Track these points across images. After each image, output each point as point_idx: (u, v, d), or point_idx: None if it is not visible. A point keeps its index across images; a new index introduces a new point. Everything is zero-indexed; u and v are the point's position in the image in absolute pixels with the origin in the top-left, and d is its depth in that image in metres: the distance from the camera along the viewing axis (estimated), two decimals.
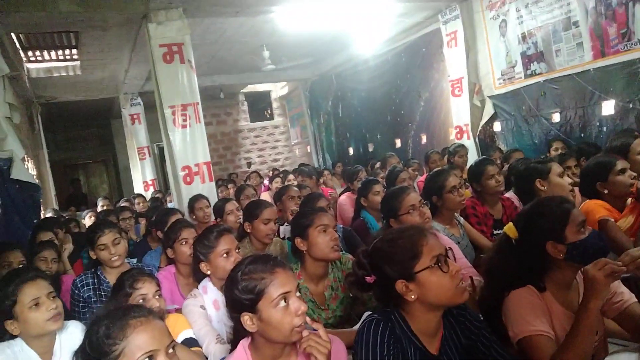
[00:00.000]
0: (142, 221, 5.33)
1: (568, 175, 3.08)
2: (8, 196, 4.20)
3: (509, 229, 1.81)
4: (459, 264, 1.60)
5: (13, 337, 1.90)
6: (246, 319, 1.44)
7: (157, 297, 2.05)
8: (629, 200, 2.61)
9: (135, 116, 8.99)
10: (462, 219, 3.08)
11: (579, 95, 5.13)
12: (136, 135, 9.08)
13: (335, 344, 1.57)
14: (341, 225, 3.48)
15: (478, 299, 1.97)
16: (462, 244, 2.86)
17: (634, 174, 2.59)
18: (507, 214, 3.25)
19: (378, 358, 1.46)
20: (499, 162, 4.65)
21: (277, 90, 12.52)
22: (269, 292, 1.42)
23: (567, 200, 1.79)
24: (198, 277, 2.31)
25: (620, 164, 2.60)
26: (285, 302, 1.42)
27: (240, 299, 1.44)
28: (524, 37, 5.66)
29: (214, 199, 4.61)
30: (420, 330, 1.54)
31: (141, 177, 9.25)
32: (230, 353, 1.58)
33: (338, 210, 4.69)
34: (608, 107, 4.83)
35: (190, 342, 2.04)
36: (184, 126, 4.90)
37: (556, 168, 2.90)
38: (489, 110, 6.37)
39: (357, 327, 2.06)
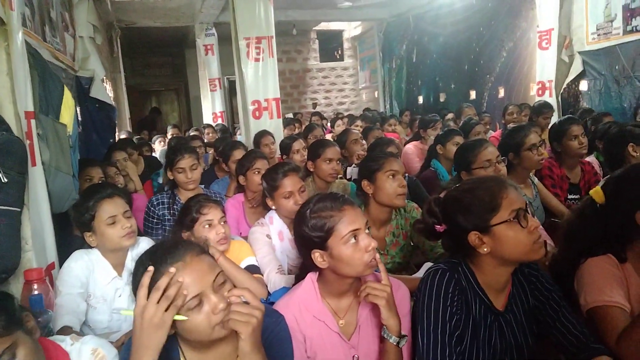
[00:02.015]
0: (210, 151, 5.47)
1: None
2: (88, 114, 4.41)
3: (596, 192, 1.69)
4: None
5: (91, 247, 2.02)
6: (317, 256, 1.46)
7: (222, 223, 2.10)
8: None
9: (209, 47, 9.04)
10: (536, 180, 2.94)
11: None
12: (208, 66, 9.17)
13: (401, 289, 1.58)
14: (407, 174, 3.42)
15: (549, 264, 1.89)
16: (534, 205, 2.76)
17: None
18: (585, 179, 3.09)
19: (441, 307, 1.44)
20: (589, 123, 4.35)
21: (350, 30, 12.20)
22: (338, 230, 1.42)
23: None
24: (266, 207, 2.36)
25: None
26: (355, 239, 1.42)
27: (310, 236, 1.45)
28: None
29: (280, 137, 4.64)
30: (487, 285, 1.50)
31: (211, 108, 9.43)
32: (295, 284, 1.61)
33: (403, 159, 4.60)
34: None
35: (253, 269, 2.10)
36: (257, 59, 4.88)
37: None
38: (577, 67, 5.90)
39: (417, 274, 2.06)
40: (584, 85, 5.90)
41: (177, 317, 1.15)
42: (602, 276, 1.58)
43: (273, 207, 2.31)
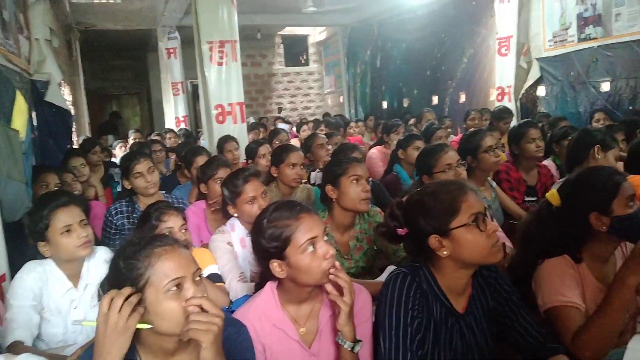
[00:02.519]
0: (172, 156, 5.38)
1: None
2: (44, 119, 4.26)
3: (552, 195, 1.74)
4: None
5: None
6: (275, 266, 1.43)
7: (183, 230, 2.06)
8: None
9: (171, 50, 8.92)
10: (494, 183, 3.02)
11: (634, 65, 4.84)
12: (171, 70, 9.05)
13: (362, 294, 1.57)
14: (371, 179, 3.44)
15: (508, 266, 1.93)
16: (492, 207, 2.83)
17: None
18: (542, 181, 3.19)
19: (402, 311, 1.45)
20: (546, 128, 4.49)
21: (315, 35, 12.24)
22: (295, 239, 1.40)
23: (618, 172, 1.70)
24: (227, 214, 2.32)
25: None
26: (312, 247, 1.40)
27: (267, 247, 1.43)
28: None
29: (244, 142, 4.60)
30: (448, 288, 1.51)
31: (173, 113, 9.29)
32: (255, 293, 1.59)
33: (367, 164, 4.63)
34: None
35: (215, 278, 2.07)
36: (220, 63, 4.84)
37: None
38: (534, 74, 6.10)
39: (380, 278, 2.06)
40: (541, 91, 6.10)
41: (140, 326, 1.14)
42: (558, 277, 1.62)
43: (235, 215, 2.27)
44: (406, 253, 1.67)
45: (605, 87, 5.18)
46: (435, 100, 8.15)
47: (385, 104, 9.73)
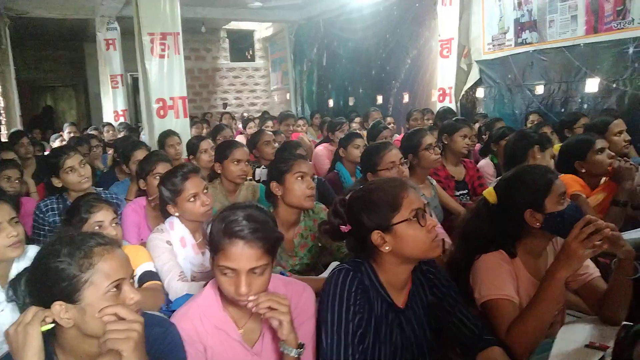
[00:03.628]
0: (110, 151, 5.17)
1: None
2: None
3: (489, 193, 1.80)
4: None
5: None
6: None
7: (113, 225, 1.98)
8: (603, 178, 2.64)
9: (110, 42, 8.57)
10: (434, 181, 3.10)
11: (566, 69, 5.11)
12: (110, 62, 8.70)
13: (306, 292, 1.58)
14: (316, 176, 3.46)
15: (447, 261, 1.98)
16: (432, 204, 2.91)
17: (612, 153, 2.61)
18: (469, 174, 3.38)
19: (344, 306, 1.46)
20: (483, 128, 4.67)
21: (261, 30, 12.12)
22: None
23: (551, 171, 1.79)
24: (166, 214, 2.25)
25: (600, 143, 2.61)
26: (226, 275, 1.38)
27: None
28: (519, 4, 5.55)
29: (187, 137, 4.49)
30: (389, 283, 1.54)
31: (112, 106, 8.93)
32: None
33: (313, 161, 4.65)
34: (592, 85, 4.83)
35: (149, 275, 1.99)
36: (161, 56, 4.71)
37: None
38: (474, 76, 6.31)
39: (324, 275, 2.07)
40: (480, 92, 6.32)
41: (44, 328, 1.11)
42: (494, 271, 1.68)
43: (176, 214, 2.20)
44: (348, 250, 1.68)
45: (540, 90, 5.43)
46: (380, 99, 8.27)
47: (331, 102, 9.79)
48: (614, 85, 4.64)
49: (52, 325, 1.12)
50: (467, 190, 3.32)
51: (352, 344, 1.44)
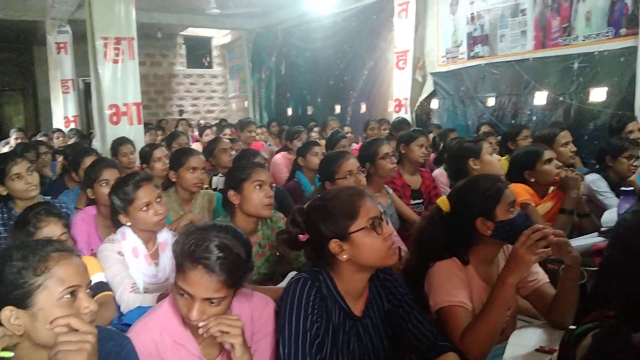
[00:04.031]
0: (60, 158, 4.98)
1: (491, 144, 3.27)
2: None
3: (442, 202, 1.84)
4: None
5: None
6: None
7: (62, 238, 1.90)
8: (551, 188, 2.74)
9: (61, 45, 8.26)
10: (390, 190, 3.15)
11: (515, 82, 5.32)
12: (61, 66, 8.38)
13: (268, 306, 1.57)
14: (274, 184, 3.44)
15: (403, 268, 2.01)
16: (389, 213, 2.95)
17: (559, 163, 2.72)
18: (425, 184, 3.45)
19: (302, 316, 1.45)
20: (437, 138, 4.78)
21: (219, 37, 12.01)
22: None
23: (500, 180, 1.85)
24: (117, 224, 2.18)
25: (548, 154, 2.71)
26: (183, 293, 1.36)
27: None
28: (472, 18, 5.75)
29: (140, 144, 4.38)
30: (346, 291, 1.54)
31: (63, 112, 8.60)
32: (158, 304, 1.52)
33: (272, 169, 4.63)
34: (540, 98, 5.04)
35: (100, 287, 1.92)
36: (115, 61, 4.58)
37: (487, 146, 3.02)
38: (429, 87, 6.47)
39: (282, 284, 2.05)
40: (434, 104, 6.48)
41: (3, 354, 1.07)
42: (447, 278, 1.71)
43: (128, 224, 2.13)
44: (306, 259, 1.68)
45: (491, 102, 5.62)
46: (338, 109, 8.33)
47: (290, 111, 9.79)
48: (561, 99, 4.86)
49: (12, 354, 1.08)
50: (422, 200, 3.38)
51: (310, 353, 1.43)
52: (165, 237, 2.22)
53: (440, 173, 3.85)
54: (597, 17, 4.53)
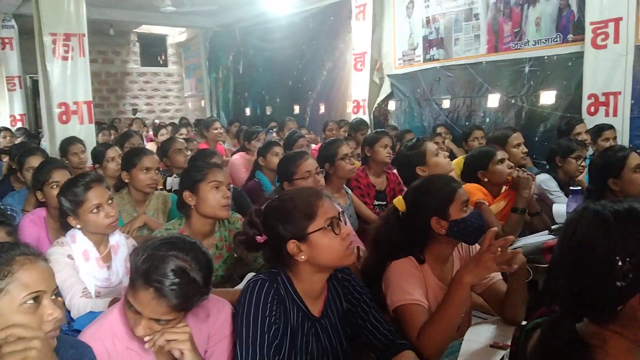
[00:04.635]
0: (5, 158, 4.76)
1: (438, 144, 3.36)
2: None
3: (398, 202, 1.87)
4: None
5: None
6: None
7: None
8: (504, 187, 2.83)
9: (6, 40, 7.92)
10: (349, 190, 3.17)
11: (469, 85, 5.46)
12: (6, 63, 8.06)
13: (225, 309, 1.54)
14: (232, 185, 3.40)
15: (361, 268, 2.02)
16: (348, 213, 2.95)
17: (511, 164, 2.80)
18: (390, 186, 3.45)
19: (260, 318, 1.44)
20: (394, 140, 4.83)
21: (175, 35, 11.79)
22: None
23: (454, 180, 1.88)
24: (66, 227, 2.09)
25: (500, 154, 2.79)
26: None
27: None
28: (428, 22, 5.86)
29: (92, 144, 4.24)
30: (305, 292, 1.54)
31: (9, 110, 8.26)
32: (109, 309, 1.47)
33: (229, 170, 4.57)
34: (493, 100, 5.20)
35: None
36: (65, 58, 4.43)
37: (431, 147, 2.94)
38: (386, 89, 6.55)
39: (239, 286, 2.02)
40: (392, 105, 6.57)
41: None
42: (404, 277, 1.73)
43: (78, 227, 2.05)
44: (264, 260, 1.67)
45: (446, 104, 5.75)
46: (296, 109, 8.33)
47: (248, 111, 9.71)
48: (513, 101, 5.03)
49: None
50: (385, 202, 3.38)
51: (268, 355, 1.41)
52: (118, 240, 2.16)
53: (396, 173, 3.90)
54: (546, 23, 4.72)
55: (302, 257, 1.47)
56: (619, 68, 4.11)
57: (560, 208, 2.73)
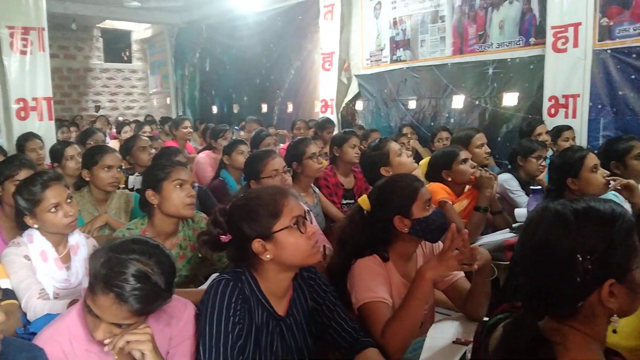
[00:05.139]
0: None
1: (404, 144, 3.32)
2: None
3: (363, 200, 1.88)
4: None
5: None
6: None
7: None
8: (467, 187, 2.88)
9: None
10: (317, 189, 3.18)
11: (435, 86, 5.55)
12: None
13: (188, 309, 1.52)
14: (197, 184, 3.35)
15: (327, 267, 2.02)
16: (314, 212, 2.95)
17: (474, 163, 2.85)
18: (358, 185, 3.48)
19: (223, 318, 1.42)
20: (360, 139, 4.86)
21: (140, 31, 11.56)
22: None
23: (417, 180, 1.91)
24: (23, 227, 2.02)
25: (464, 154, 2.84)
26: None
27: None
28: (394, 23, 5.92)
29: (52, 141, 4.12)
30: (270, 291, 1.53)
31: None
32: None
33: (195, 169, 4.51)
34: (458, 101, 5.29)
35: (5, 294, 1.77)
36: (23, 52, 4.30)
37: (394, 147, 2.97)
38: (354, 89, 6.59)
39: (204, 286, 2.00)
40: (359, 105, 6.61)
41: None
42: (368, 275, 1.74)
43: (35, 227, 1.99)
44: (229, 260, 1.65)
45: (412, 104, 5.83)
46: (264, 108, 8.29)
47: (215, 109, 9.60)
48: (477, 102, 5.13)
49: None
50: (353, 201, 3.40)
51: (232, 355, 1.40)
52: (77, 240, 2.10)
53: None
54: (509, 26, 4.83)
55: (268, 256, 1.46)
56: (578, 71, 4.25)
57: (522, 211, 2.80)
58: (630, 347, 1.28)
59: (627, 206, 2.42)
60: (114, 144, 5.42)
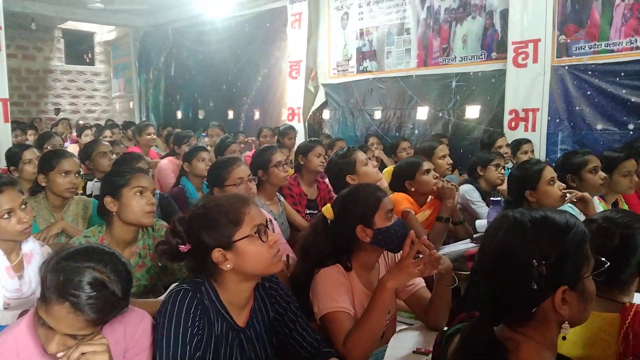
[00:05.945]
0: None
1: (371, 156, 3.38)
2: None
3: (327, 210, 1.88)
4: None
5: None
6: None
7: None
8: (430, 197, 2.92)
9: None
10: (282, 198, 3.16)
11: (400, 97, 5.63)
12: None
13: (144, 320, 1.48)
14: (158, 191, 3.29)
15: (289, 276, 2.01)
16: (280, 221, 2.94)
17: (437, 174, 2.90)
18: (321, 195, 3.48)
19: (181, 329, 1.39)
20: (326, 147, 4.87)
21: (103, 33, 11.31)
22: None
23: (380, 189, 1.92)
24: None
25: (426, 165, 2.89)
26: None
27: None
28: (361, 34, 5.99)
29: (8, 144, 3.97)
30: (230, 302, 1.50)
31: None
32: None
33: (157, 175, 4.42)
34: (422, 113, 5.39)
35: None
36: None
37: (360, 156, 2.99)
38: (320, 98, 6.63)
39: (163, 297, 1.95)
40: (326, 114, 6.64)
41: None
42: (331, 285, 1.74)
43: None
44: (188, 270, 1.61)
45: (378, 115, 5.90)
46: (231, 114, 8.23)
47: (179, 114, 9.47)
48: (440, 114, 5.23)
49: None
50: (317, 211, 3.40)
51: None
52: (32, 247, 2.02)
53: (328, 182, 3.93)
54: (472, 41, 4.96)
55: (228, 265, 1.44)
56: (537, 86, 4.39)
57: (483, 222, 2.86)
58: (578, 355, 1.32)
59: (582, 218, 2.50)
60: (74, 148, 5.28)
